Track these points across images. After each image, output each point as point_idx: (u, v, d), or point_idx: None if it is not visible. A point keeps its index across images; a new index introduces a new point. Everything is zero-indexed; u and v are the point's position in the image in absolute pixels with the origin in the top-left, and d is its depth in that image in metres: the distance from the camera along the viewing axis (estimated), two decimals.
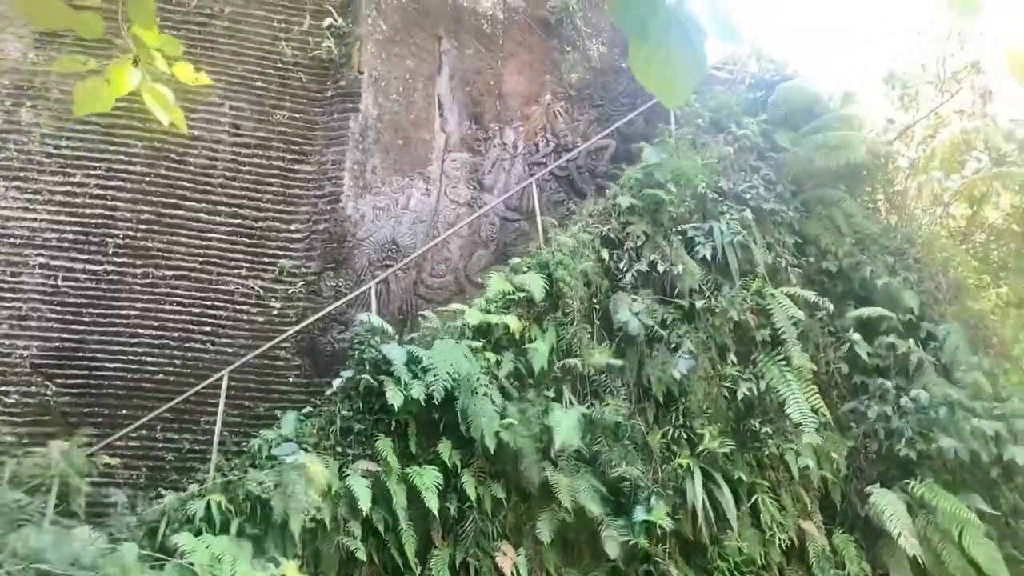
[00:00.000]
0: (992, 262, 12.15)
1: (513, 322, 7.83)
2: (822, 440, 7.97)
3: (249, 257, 8.77)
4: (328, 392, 7.44)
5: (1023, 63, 2.46)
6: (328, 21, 9.52)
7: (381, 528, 6.53)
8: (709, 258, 8.65)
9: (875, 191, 10.50)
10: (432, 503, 6.49)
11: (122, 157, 8.55)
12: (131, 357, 8.10)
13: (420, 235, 9.23)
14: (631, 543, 7.04)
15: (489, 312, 7.93)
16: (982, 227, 12.35)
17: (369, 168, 9.24)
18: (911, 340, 8.72)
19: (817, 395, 8.19)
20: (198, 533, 6.27)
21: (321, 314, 8.36)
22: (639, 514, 7.25)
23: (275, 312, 8.66)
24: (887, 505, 7.82)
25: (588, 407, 7.69)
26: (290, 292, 8.73)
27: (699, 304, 8.31)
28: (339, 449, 6.99)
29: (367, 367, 7.30)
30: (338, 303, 8.43)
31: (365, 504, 6.35)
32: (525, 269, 8.38)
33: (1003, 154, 11.75)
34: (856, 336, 8.68)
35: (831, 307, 8.75)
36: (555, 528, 6.93)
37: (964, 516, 7.71)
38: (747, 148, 9.78)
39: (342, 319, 8.54)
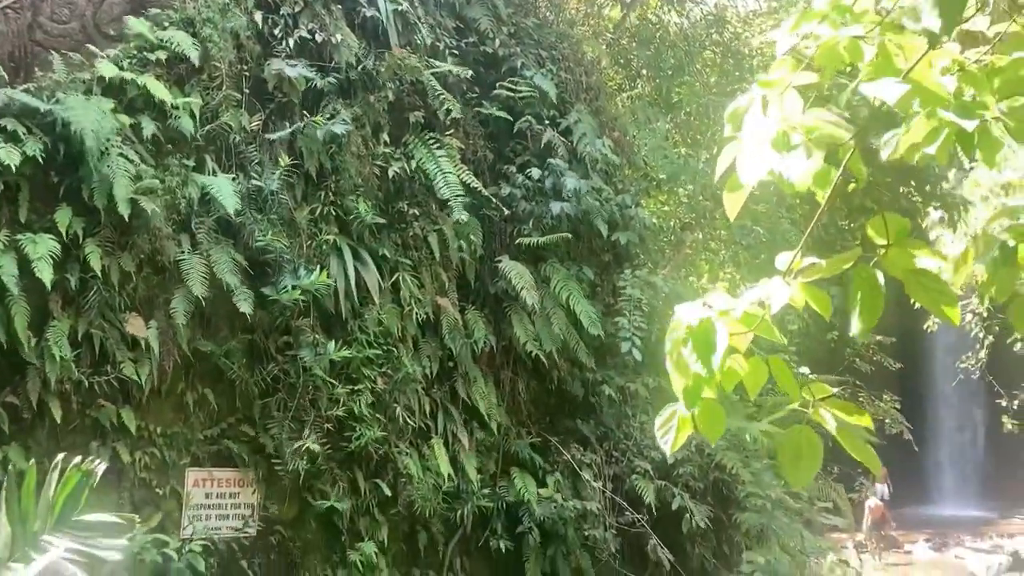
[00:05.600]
0: (632, 67, 13.20)
1: (152, 82, 7.13)
2: (465, 219, 8.36)
3: None
4: None
5: None
6: None
7: None
8: (370, 31, 8.42)
9: None
10: (45, 274, 5.96)
11: None
12: None
13: None
14: (272, 315, 7.10)
15: (124, 68, 7.14)
16: (627, 32, 13.23)
17: None
18: (550, 129, 9.31)
19: (470, 173, 8.58)
20: None
21: None
22: (287, 281, 7.27)
23: None
24: (513, 269, 8.70)
25: (234, 178, 7.38)
26: None
27: (355, 77, 8.14)
28: None
29: None
30: None
31: None
32: (167, 24, 7.56)
33: None
34: (498, 114, 9.07)
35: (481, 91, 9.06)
36: (191, 301, 6.74)
37: (574, 285, 8.85)
38: None
39: None
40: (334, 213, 7.84)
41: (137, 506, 6.67)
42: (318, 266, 7.51)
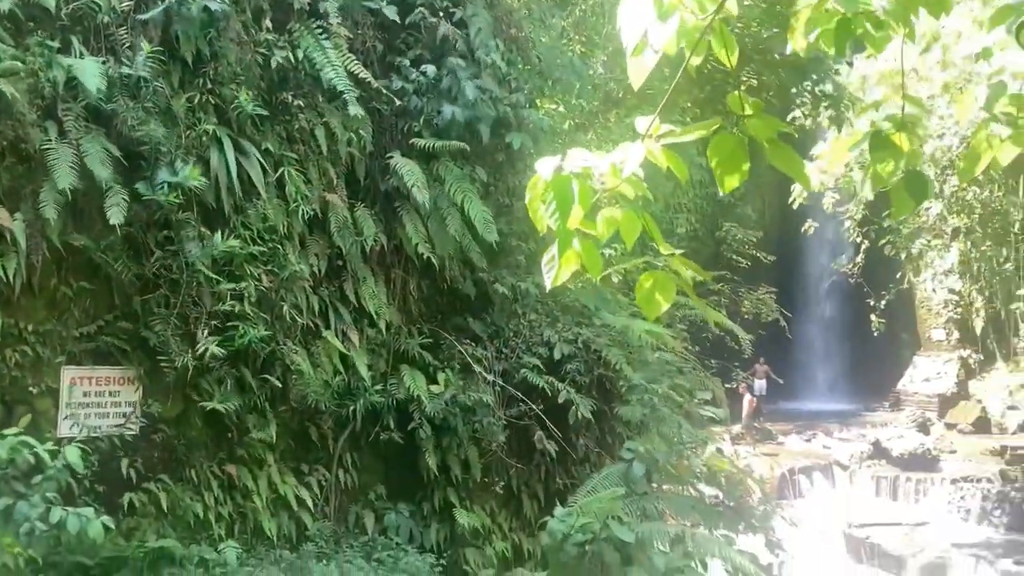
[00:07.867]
0: None
1: None
2: (361, 114, 8.11)
3: None
4: None
5: None
6: None
7: None
8: None
9: None
10: None
11: None
12: None
13: None
14: (150, 209, 6.79)
15: None
16: None
17: None
18: (445, 22, 9.04)
19: (358, 64, 8.28)
20: None
21: None
22: (163, 176, 6.94)
23: None
24: (404, 165, 8.49)
25: (104, 62, 6.92)
26: None
27: None
28: None
29: None
30: None
31: None
32: None
33: None
34: (390, 11, 8.74)
35: None
36: (60, 192, 6.36)
37: (468, 186, 8.74)
38: None
39: None
40: (213, 102, 7.47)
41: (9, 405, 6.44)
42: (196, 158, 7.19)
